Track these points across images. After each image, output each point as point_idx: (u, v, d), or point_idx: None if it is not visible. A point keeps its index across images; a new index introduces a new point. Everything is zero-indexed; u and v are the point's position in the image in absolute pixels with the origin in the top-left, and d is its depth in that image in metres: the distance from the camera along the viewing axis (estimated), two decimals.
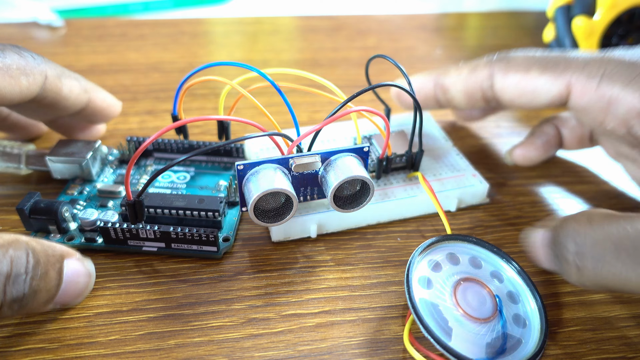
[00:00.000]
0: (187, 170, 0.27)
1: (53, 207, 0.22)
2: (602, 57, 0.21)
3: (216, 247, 0.22)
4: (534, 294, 0.20)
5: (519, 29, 0.47)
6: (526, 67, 0.23)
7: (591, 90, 0.21)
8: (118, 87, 0.35)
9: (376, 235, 0.24)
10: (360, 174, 0.21)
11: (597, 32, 0.34)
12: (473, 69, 0.24)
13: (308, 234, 0.24)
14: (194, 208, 0.22)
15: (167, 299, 0.21)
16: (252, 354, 0.19)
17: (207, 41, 0.43)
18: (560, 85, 0.22)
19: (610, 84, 0.21)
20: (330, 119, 0.21)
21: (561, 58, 0.22)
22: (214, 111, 0.33)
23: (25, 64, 0.22)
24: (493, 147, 0.31)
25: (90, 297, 0.21)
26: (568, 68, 0.22)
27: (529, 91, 0.23)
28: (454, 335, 0.18)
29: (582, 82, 0.21)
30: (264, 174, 0.20)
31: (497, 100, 0.24)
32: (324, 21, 0.47)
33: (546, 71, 0.22)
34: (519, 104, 0.24)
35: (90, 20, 0.45)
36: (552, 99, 0.22)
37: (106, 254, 0.23)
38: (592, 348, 0.20)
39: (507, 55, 0.24)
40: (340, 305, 0.21)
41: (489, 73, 0.24)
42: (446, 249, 0.21)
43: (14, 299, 0.17)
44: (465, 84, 0.25)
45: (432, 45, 0.43)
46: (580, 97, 0.21)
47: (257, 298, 0.21)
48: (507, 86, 0.23)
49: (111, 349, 0.19)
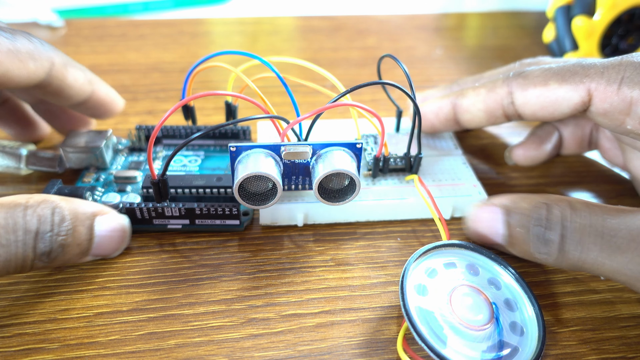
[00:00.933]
0: (197, 154, 0.28)
1: (77, 192, 0.23)
2: (620, 61, 0.22)
3: (239, 220, 0.24)
4: (532, 300, 0.20)
5: (519, 29, 0.47)
6: (544, 80, 0.23)
7: (612, 94, 0.21)
8: (118, 87, 0.35)
9: (376, 236, 0.24)
10: (347, 168, 0.21)
11: (597, 32, 0.34)
12: (491, 88, 0.25)
13: (295, 221, 0.24)
14: (213, 186, 0.24)
15: (167, 299, 0.21)
16: (252, 354, 0.19)
17: (207, 41, 0.43)
18: (581, 92, 0.22)
19: (631, 86, 0.21)
20: (325, 107, 0.21)
21: (578, 66, 0.23)
22: (214, 111, 0.33)
23: (34, 49, 0.22)
24: (493, 147, 0.31)
25: (90, 297, 0.21)
26: (586, 75, 0.22)
27: (550, 103, 0.23)
28: (449, 344, 0.18)
29: (603, 87, 0.22)
30: (254, 158, 0.21)
31: (518, 115, 0.25)
32: (323, 21, 0.47)
33: (565, 81, 0.23)
34: (542, 116, 0.24)
35: (90, 21, 0.45)
36: (574, 107, 0.23)
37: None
38: (592, 348, 0.20)
39: (524, 71, 0.24)
40: (340, 305, 0.21)
41: (508, 90, 0.24)
42: (443, 256, 0.21)
43: (42, 252, 0.19)
44: (485, 104, 0.25)
45: (432, 46, 0.43)
46: (602, 102, 0.22)
47: (257, 298, 0.21)
48: (528, 101, 0.24)
49: (111, 349, 0.19)
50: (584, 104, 0.23)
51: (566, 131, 0.28)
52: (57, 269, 0.22)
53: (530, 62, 0.26)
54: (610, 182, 0.28)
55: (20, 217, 0.19)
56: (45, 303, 0.21)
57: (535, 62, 0.26)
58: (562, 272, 0.23)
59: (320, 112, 0.22)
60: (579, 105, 0.23)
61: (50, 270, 0.22)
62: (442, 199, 0.25)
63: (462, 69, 0.40)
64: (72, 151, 0.25)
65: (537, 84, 0.23)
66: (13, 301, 0.21)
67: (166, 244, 0.23)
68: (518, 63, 0.27)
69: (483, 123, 0.26)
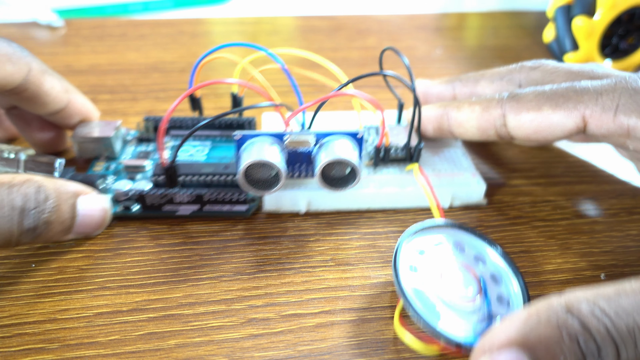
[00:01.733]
0: (204, 145, 0.28)
1: (90, 179, 0.24)
2: (614, 87, 0.22)
3: (246, 206, 0.25)
4: (516, 274, 0.21)
5: (519, 28, 0.47)
6: (537, 104, 0.23)
7: (609, 122, 0.21)
8: (118, 87, 0.35)
9: (376, 236, 0.24)
10: (348, 157, 0.22)
11: (597, 32, 0.34)
12: (486, 107, 0.25)
13: (298, 208, 0.25)
14: (221, 173, 0.24)
15: (167, 299, 0.21)
16: (252, 354, 0.19)
17: (207, 41, 0.43)
18: (575, 119, 0.22)
19: (627, 114, 0.21)
20: (328, 96, 0.22)
21: (571, 91, 0.23)
22: (215, 111, 0.33)
23: (12, 52, 0.23)
24: (493, 147, 0.31)
25: (90, 297, 0.21)
26: (580, 101, 0.22)
27: (543, 128, 0.23)
28: (442, 319, 0.19)
29: (598, 115, 0.22)
30: (258, 146, 0.22)
31: (511, 137, 0.24)
32: (323, 21, 0.47)
33: (558, 107, 0.22)
34: (535, 140, 0.24)
35: (90, 20, 0.45)
36: (568, 132, 0.23)
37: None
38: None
39: (518, 94, 0.24)
40: (340, 305, 0.21)
41: (501, 112, 0.24)
42: (431, 235, 0.22)
43: (27, 229, 0.20)
44: (478, 122, 0.25)
45: (432, 45, 0.43)
46: (598, 128, 0.22)
47: (257, 298, 0.21)
48: (521, 125, 0.23)
49: (111, 349, 0.19)
50: (579, 129, 0.22)
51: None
52: (57, 269, 0.22)
53: (533, 66, 0.26)
54: (610, 182, 0.28)
55: (5, 195, 0.19)
56: (45, 303, 0.21)
57: (538, 66, 0.26)
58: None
59: (324, 100, 0.23)
60: (574, 130, 0.23)
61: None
62: (441, 188, 0.25)
63: (462, 69, 0.40)
64: (84, 141, 0.27)
65: (530, 108, 0.23)
66: (13, 301, 0.21)
67: (170, 235, 0.23)
68: (519, 65, 0.27)
69: (476, 138, 0.26)
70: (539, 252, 0.24)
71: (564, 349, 0.14)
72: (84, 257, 0.23)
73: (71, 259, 0.23)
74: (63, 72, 0.37)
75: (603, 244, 0.24)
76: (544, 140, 0.24)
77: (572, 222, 0.26)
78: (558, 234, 0.25)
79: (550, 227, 0.25)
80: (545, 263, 0.23)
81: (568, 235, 0.25)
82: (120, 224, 0.24)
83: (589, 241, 0.25)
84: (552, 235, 0.25)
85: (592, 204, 0.27)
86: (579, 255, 0.24)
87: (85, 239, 0.23)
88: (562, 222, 0.26)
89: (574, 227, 0.25)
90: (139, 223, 0.24)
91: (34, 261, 0.22)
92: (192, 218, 0.25)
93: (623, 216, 0.26)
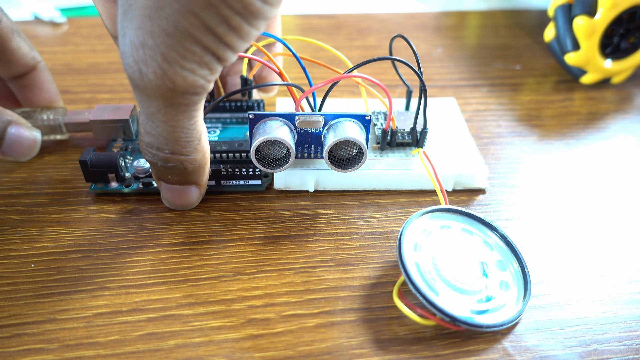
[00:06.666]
0: (215, 126, 0.30)
1: (111, 157, 0.25)
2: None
3: (260, 181, 0.26)
4: (520, 260, 0.22)
5: (519, 27, 0.47)
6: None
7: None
8: (118, 87, 0.35)
9: (376, 236, 0.24)
10: (356, 137, 0.23)
11: (598, 32, 0.34)
12: None
13: (306, 187, 0.26)
14: (236, 150, 0.26)
15: (167, 299, 0.21)
16: (252, 354, 0.19)
17: None
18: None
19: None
20: (338, 77, 0.24)
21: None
22: None
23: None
24: (493, 146, 0.31)
25: (90, 298, 0.21)
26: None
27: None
28: (440, 295, 0.20)
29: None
30: (270, 125, 0.23)
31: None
32: (323, 20, 0.47)
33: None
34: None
35: (89, 19, 0.45)
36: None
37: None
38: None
39: None
40: (340, 306, 0.21)
41: None
42: (439, 218, 0.23)
43: None
44: None
45: (432, 44, 0.43)
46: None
47: (257, 298, 0.21)
48: None
49: (111, 349, 0.19)
50: None
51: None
52: (56, 269, 0.22)
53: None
54: (610, 180, 0.28)
55: None
56: (45, 303, 0.21)
57: None
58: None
59: (334, 81, 0.24)
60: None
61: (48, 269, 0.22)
62: (445, 171, 0.26)
63: (462, 68, 0.40)
64: (103, 123, 0.28)
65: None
66: (12, 301, 0.21)
67: (170, 235, 0.23)
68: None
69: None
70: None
71: None
72: (84, 257, 0.23)
73: (71, 259, 0.23)
74: (63, 71, 0.37)
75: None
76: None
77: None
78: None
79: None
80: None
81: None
82: (120, 224, 0.24)
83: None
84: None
85: (584, 201, 0.27)
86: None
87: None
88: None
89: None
90: (139, 223, 0.24)
91: (34, 261, 0.22)
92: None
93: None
